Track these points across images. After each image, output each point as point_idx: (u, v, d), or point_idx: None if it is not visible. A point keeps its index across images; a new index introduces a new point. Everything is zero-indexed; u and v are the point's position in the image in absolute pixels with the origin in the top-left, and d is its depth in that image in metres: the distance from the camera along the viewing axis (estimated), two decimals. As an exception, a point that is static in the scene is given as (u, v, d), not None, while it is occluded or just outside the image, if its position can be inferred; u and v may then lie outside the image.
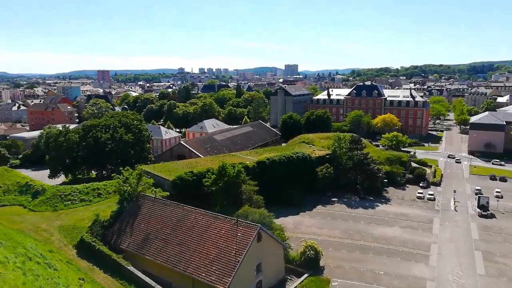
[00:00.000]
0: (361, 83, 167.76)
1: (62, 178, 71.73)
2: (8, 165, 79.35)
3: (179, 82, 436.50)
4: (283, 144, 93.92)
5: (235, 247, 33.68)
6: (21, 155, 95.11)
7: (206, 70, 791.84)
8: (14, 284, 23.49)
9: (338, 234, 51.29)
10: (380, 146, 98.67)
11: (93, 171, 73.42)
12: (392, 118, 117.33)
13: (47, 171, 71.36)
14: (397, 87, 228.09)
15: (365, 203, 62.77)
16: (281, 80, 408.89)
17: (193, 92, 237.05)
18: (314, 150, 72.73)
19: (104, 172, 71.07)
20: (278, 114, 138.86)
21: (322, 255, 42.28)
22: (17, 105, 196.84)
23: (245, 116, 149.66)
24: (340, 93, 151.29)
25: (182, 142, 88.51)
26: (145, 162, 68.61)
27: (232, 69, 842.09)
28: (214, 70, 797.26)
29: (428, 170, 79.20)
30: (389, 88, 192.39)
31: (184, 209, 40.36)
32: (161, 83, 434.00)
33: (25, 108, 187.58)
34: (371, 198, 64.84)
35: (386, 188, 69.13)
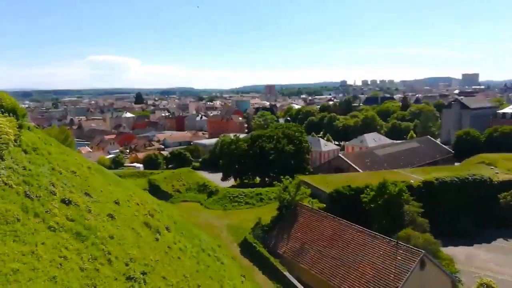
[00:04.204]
0: None
1: (231, 181, 79.88)
2: (191, 167, 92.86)
3: (340, 95, 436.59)
4: (456, 164, 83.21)
5: (394, 271, 31.25)
6: (201, 159, 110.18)
7: (369, 82, 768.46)
8: (190, 271, 27.06)
9: (526, 276, 42.21)
10: None
11: (257, 177, 79.46)
12: None
13: (220, 174, 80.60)
14: None
15: None
16: (456, 92, 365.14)
17: (355, 104, 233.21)
18: (497, 172, 61.97)
19: (266, 179, 76.15)
20: (451, 130, 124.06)
21: (503, 298, 35.48)
22: (199, 116, 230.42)
23: (411, 131, 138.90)
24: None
25: (340, 155, 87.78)
26: (304, 173, 70.51)
27: (398, 80, 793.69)
28: (378, 81, 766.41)
29: None
30: None
31: (341, 224, 39.68)
32: (323, 96, 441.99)
33: (206, 118, 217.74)
34: None
35: None
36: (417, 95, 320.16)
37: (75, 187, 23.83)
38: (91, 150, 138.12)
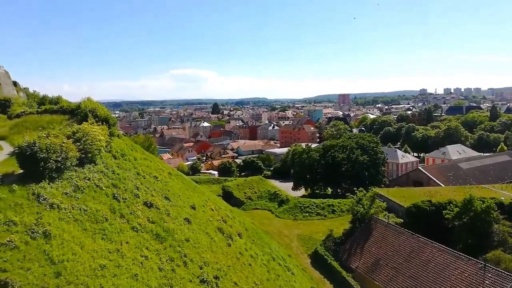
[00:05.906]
0: None
1: (302, 191, 79.22)
2: (262, 175, 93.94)
3: (419, 104, 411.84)
4: (556, 181, 73.63)
5: (481, 296, 28.44)
6: (272, 168, 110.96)
7: (452, 90, 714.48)
8: (260, 278, 27.26)
9: None
10: None
11: (329, 188, 77.83)
12: None
13: (291, 184, 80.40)
14: None
15: None
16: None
17: (436, 114, 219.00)
18: None
19: (338, 190, 74.23)
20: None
21: None
22: (272, 125, 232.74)
23: (502, 143, 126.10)
24: None
25: (420, 167, 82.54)
26: (379, 185, 67.50)
27: (486, 88, 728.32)
28: (462, 89, 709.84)
29: None
30: None
31: (419, 241, 37.23)
32: (400, 105, 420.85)
33: (278, 128, 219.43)
34: None
35: None
36: (508, 104, 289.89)
37: (156, 191, 25.48)
38: (171, 157, 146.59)
